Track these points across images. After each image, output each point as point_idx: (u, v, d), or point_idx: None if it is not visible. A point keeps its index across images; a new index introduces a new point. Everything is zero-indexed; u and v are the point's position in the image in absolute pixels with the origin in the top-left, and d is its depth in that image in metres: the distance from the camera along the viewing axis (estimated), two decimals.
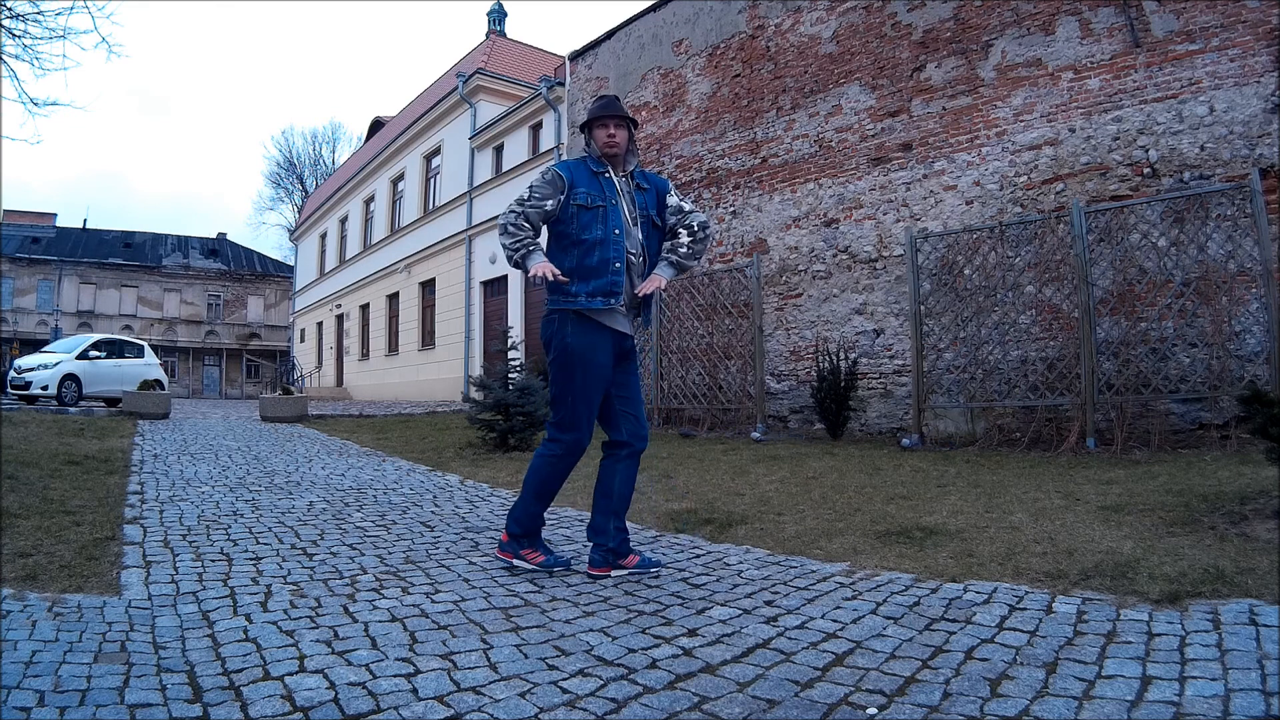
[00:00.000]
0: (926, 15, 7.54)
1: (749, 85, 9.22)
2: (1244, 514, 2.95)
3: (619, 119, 2.75)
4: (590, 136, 2.79)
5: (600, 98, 2.89)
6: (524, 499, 2.76)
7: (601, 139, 2.75)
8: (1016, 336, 6.30)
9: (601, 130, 2.75)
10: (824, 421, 7.24)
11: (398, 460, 6.12)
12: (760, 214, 8.98)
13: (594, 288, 2.64)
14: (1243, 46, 5.69)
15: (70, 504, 3.73)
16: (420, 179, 19.78)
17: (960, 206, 7.16)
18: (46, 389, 12.44)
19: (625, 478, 2.78)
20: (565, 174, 2.72)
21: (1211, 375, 5.39)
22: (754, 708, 1.58)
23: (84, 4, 14.19)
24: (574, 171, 2.74)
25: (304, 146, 57.03)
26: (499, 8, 21.93)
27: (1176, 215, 5.64)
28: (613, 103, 2.81)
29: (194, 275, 39.32)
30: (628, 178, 2.80)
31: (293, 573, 2.65)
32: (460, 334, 16.75)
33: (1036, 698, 1.59)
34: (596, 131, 2.77)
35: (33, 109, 15.86)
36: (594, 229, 2.67)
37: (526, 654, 1.89)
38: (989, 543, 2.90)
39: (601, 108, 2.79)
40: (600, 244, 2.66)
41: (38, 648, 1.86)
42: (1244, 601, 2.07)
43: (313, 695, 1.63)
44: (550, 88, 13.84)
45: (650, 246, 2.81)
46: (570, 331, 2.67)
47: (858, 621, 2.11)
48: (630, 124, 2.78)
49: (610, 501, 2.74)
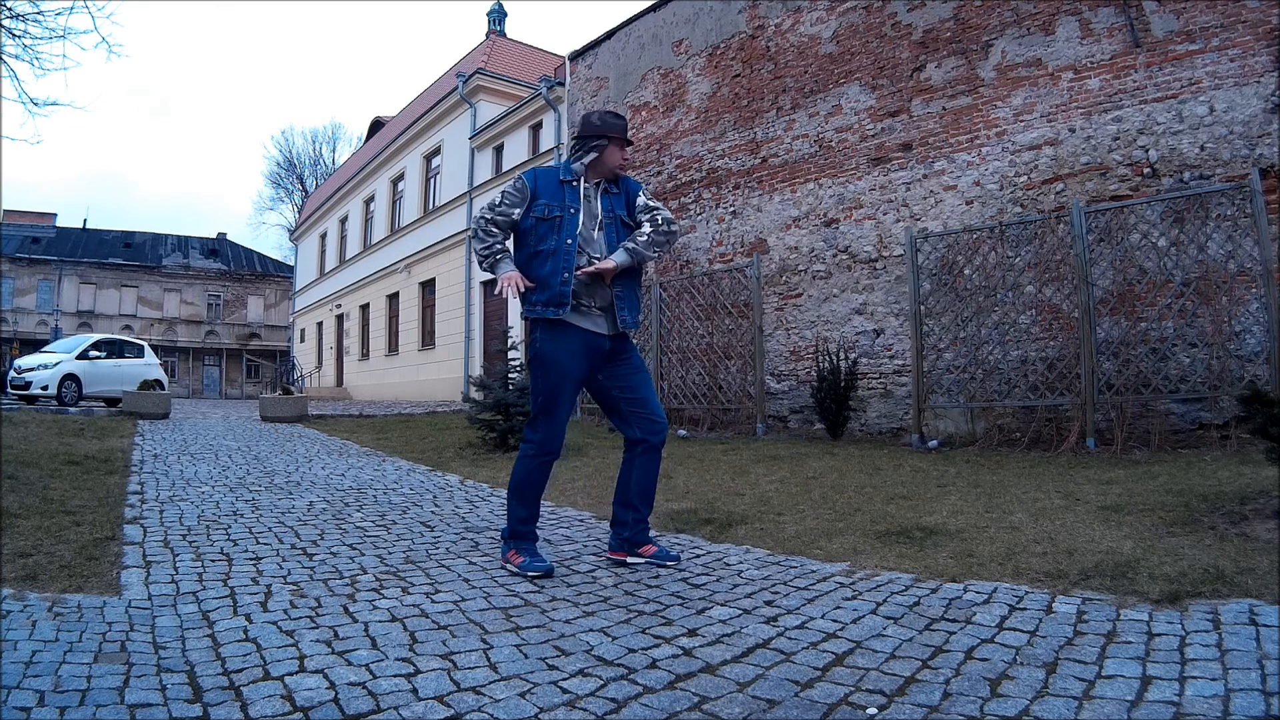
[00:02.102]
0: (926, 15, 7.53)
1: (749, 85, 9.22)
2: (1244, 514, 2.95)
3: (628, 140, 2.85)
4: (603, 149, 2.78)
5: (616, 114, 2.89)
6: (508, 500, 2.80)
7: (618, 159, 2.81)
8: (1016, 336, 6.30)
9: (620, 152, 2.81)
10: (824, 421, 7.24)
11: (398, 460, 6.12)
12: (760, 214, 8.98)
13: (546, 298, 2.68)
14: (1243, 46, 5.69)
15: (70, 504, 3.73)
16: (420, 179, 19.78)
17: (960, 206, 7.16)
18: (46, 389, 12.44)
19: (642, 472, 2.81)
20: (530, 184, 2.75)
21: (1211, 375, 5.39)
22: (754, 708, 1.58)
23: (84, 4, 14.20)
24: (540, 181, 2.77)
25: (304, 146, 57.25)
26: (499, 8, 21.94)
27: (1176, 215, 5.64)
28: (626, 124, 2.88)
29: (194, 275, 39.32)
30: (599, 182, 2.82)
31: (293, 573, 2.65)
32: (460, 334, 16.75)
33: (1036, 698, 1.59)
34: (613, 150, 2.79)
35: (33, 109, 15.86)
36: (549, 239, 2.71)
37: (526, 654, 1.89)
38: (989, 543, 2.90)
39: (624, 128, 2.84)
40: (551, 254, 2.69)
41: (38, 648, 1.86)
42: (1244, 601, 2.07)
43: (313, 695, 1.63)
44: (550, 88, 13.85)
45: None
46: (539, 335, 2.73)
47: (858, 621, 2.11)
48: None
49: (627, 494, 2.82)
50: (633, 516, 2.81)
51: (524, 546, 2.75)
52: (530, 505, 2.78)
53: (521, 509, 2.76)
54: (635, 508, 2.81)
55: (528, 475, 2.75)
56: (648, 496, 2.84)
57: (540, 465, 2.76)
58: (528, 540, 2.77)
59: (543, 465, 2.76)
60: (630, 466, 2.83)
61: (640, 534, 2.83)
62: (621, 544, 2.82)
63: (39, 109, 16.74)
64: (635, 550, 2.81)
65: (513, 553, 2.73)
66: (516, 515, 2.76)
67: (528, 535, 2.78)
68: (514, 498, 2.77)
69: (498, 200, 2.77)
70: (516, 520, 2.76)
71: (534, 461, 2.75)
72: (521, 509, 2.76)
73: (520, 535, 2.77)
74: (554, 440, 2.75)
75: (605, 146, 2.77)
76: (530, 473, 2.75)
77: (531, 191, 2.74)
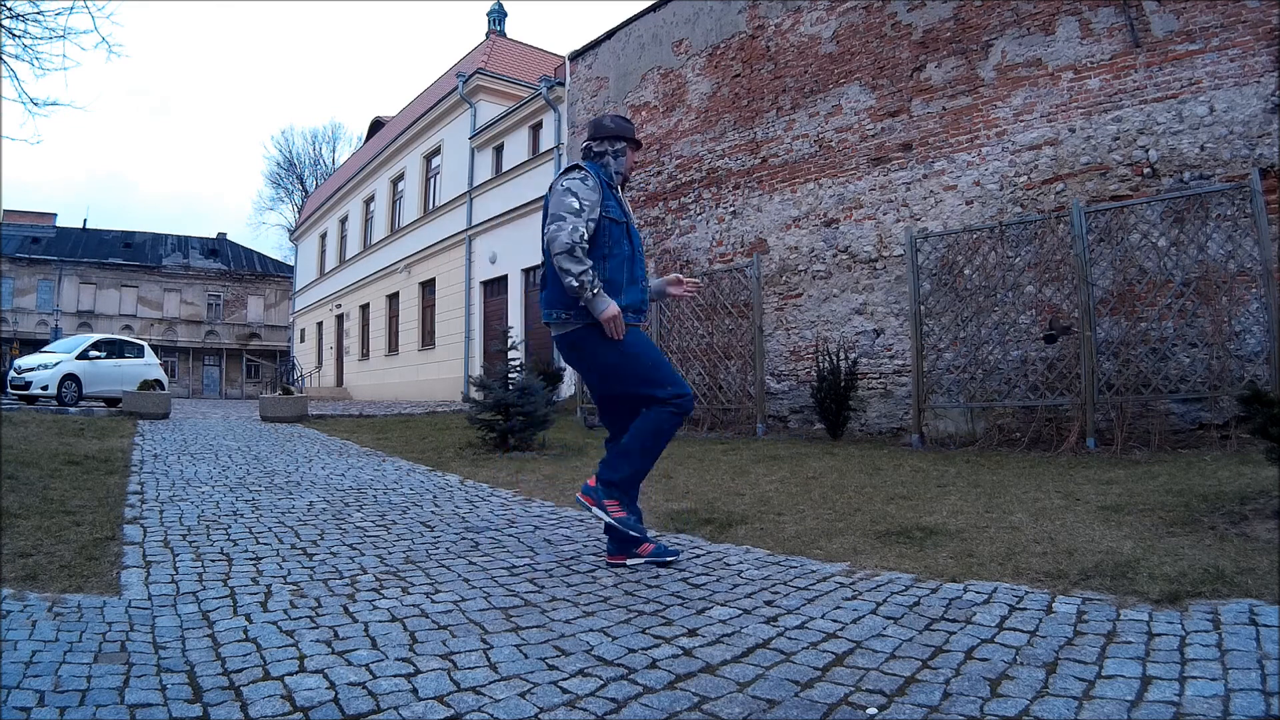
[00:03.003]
0: (926, 15, 7.54)
1: (749, 85, 9.22)
2: (1244, 514, 2.95)
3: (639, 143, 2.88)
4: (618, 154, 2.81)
5: (625, 119, 2.91)
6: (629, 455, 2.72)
7: (633, 161, 2.85)
8: (1016, 336, 6.30)
9: (633, 154, 2.84)
10: (824, 421, 7.24)
11: (398, 460, 6.12)
12: (760, 214, 8.98)
13: (629, 304, 2.68)
14: (1243, 46, 5.69)
15: (70, 504, 3.73)
16: (420, 179, 19.78)
17: (960, 206, 7.16)
18: (46, 389, 12.44)
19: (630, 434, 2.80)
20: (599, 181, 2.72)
21: (1211, 375, 5.39)
22: (754, 708, 1.58)
23: (84, 4, 14.20)
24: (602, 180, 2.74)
25: (304, 146, 57.13)
26: (499, 8, 21.94)
27: (1176, 215, 5.64)
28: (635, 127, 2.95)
29: (194, 275, 39.32)
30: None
31: (293, 573, 2.65)
32: (460, 334, 16.75)
33: (1036, 698, 1.59)
34: (630, 152, 2.84)
35: (33, 109, 15.86)
36: (622, 244, 2.71)
37: (526, 654, 1.89)
38: (989, 543, 2.90)
39: (634, 131, 2.86)
40: (628, 260, 2.71)
41: (38, 648, 1.86)
42: (1244, 601, 2.07)
43: (313, 695, 1.63)
44: (550, 88, 13.84)
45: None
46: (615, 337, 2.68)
47: (858, 621, 2.11)
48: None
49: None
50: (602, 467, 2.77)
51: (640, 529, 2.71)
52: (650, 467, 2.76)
53: (644, 464, 2.73)
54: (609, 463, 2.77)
55: (668, 429, 2.72)
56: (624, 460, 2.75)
57: (676, 416, 2.73)
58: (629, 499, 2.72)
59: (678, 417, 2.74)
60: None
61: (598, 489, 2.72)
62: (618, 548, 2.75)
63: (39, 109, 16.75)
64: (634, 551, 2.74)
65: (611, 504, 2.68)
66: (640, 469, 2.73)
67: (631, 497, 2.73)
68: (647, 456, 2.73)
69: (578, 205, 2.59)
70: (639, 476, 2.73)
71: (673, 411, 2.71)
72: (644, 464, 2.73)
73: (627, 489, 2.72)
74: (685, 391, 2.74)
75: (625, 150, 2.82)
76: (669, 422, 2.72)
77: (604, 189, 2.71)
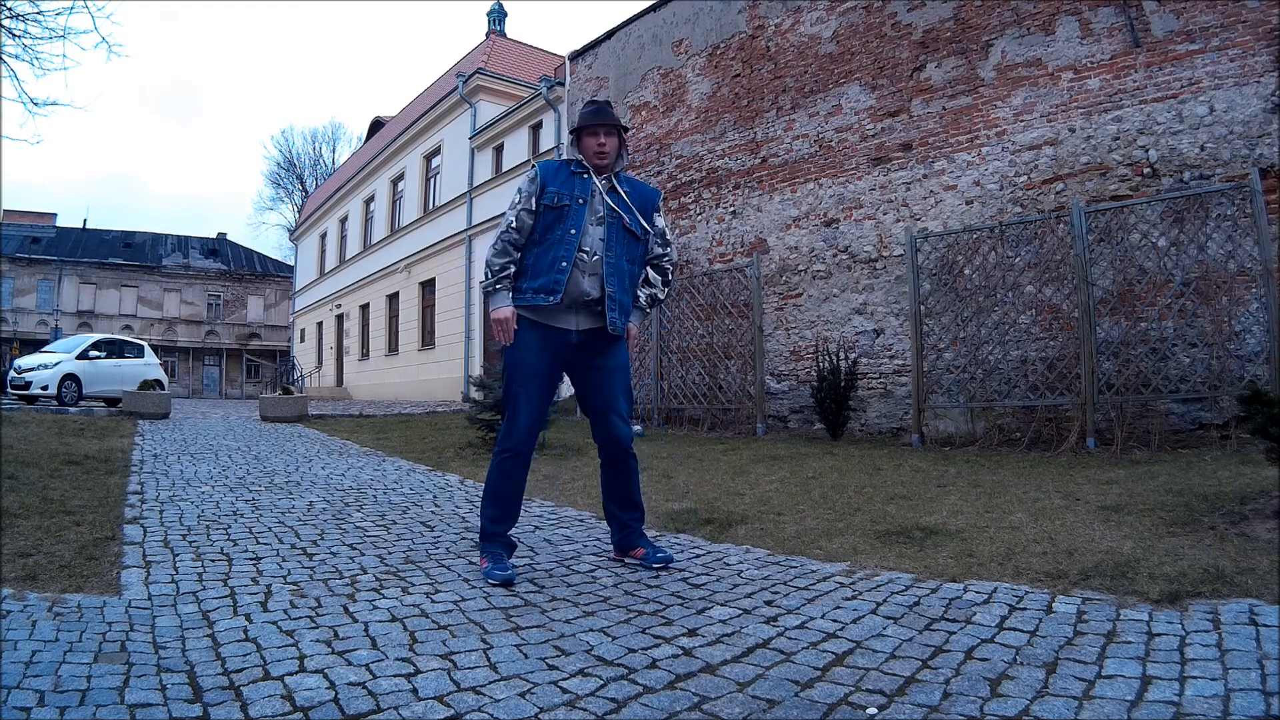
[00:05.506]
0: (926, 15, 7.54)
1: (749, 85, 9.22)
2: (1244, 514, 2.95)
3: (609, 127, 2.69)
4: (579, 144, 2.74)
5: (590, 103, 2.82)
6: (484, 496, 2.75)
7: (592, 148, 2.69)
8: (1016, 336, 6.30)
9: (591, 139, 2.69)
10: (824, 421, 7.24)
11: (398, 460, 6.12)
12: (760, 214, 8.98)
13: (538, 285, 2.63)
14: (1243, 46, 5.69)
15: (70, 504, 3.73)
16: (420, 179, 19.78)
17: (960, 206, 7.16)
18: (46, 389, 12.44)
19: (611, 480, 2.83)
20: (541, 173, 2.70)
21: (1211, 375, 5.39)
22: (754, 708, 1.58)
23: (84, 4, 14.19)
24: (550, 171, 2.71)
25: (304, 146, 57.19)
26: (499, 8, 21.93)
27: (1176, 215, 5.64)
28: (603, 109, 2.75)
29: (194, 275, 39.32)
30: (609, 178, 2.74)
31: (293, 573, 2.65)
32: (460, 334, 16.75)
33: (1036, 698, 1.59)
34: (586, 140, 2.71)
35: (33, 109, 15.86)
36: (555, 229, 2.65)
37: (526, 654, 1.89)
38: (989, 543, 2.90)
39: (591, 115, 2.72)
40: (555, 243, 2.64)
41: (38, 648, 1.86)
42: (1244, 601, 2.07)
43: (313, 695, 1.63)
44: (550, 88, 13.84)
45: (626, 254, 2.74)
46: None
47: (858, 621, 2.11)
48: (620, 130, 2.74)
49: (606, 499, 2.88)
50: (615, 523, 2.85)
51: (491, 550, 2.66)
52: (498, 505, 2.69)
53: (490, 508, 2.70)
54: (614, 515, 2.84)
55: (500, 476, 2.69)
56: (627, 502, 2.82)
57: (504, 463, 2.67)
58: (496, 542, 2.67)
59: (508, 463, 2.67)
60: (603, 473, 2.86)
61: (628, 538, 2.81)
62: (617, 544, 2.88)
63: (39, 109, 16.76)
64: (627, 554, 2.82)
65: (481, 557, 2.69)
66: (485, 513, 2.71)
67: (495, 537, 2.68)
68: (485, 495, 2.74)
69: (518, 199, 2.67)
70: (485, 519, 2.71)
71: (499, 459, 2.69)
72: (490, 508, 2.70)
73: (488, 536, 2.69)
74: (516, 438, 2.67)
75: (579, 139, 2.74)
76: (496, 470, 2.69)
77: (542, 181, 2.68)
